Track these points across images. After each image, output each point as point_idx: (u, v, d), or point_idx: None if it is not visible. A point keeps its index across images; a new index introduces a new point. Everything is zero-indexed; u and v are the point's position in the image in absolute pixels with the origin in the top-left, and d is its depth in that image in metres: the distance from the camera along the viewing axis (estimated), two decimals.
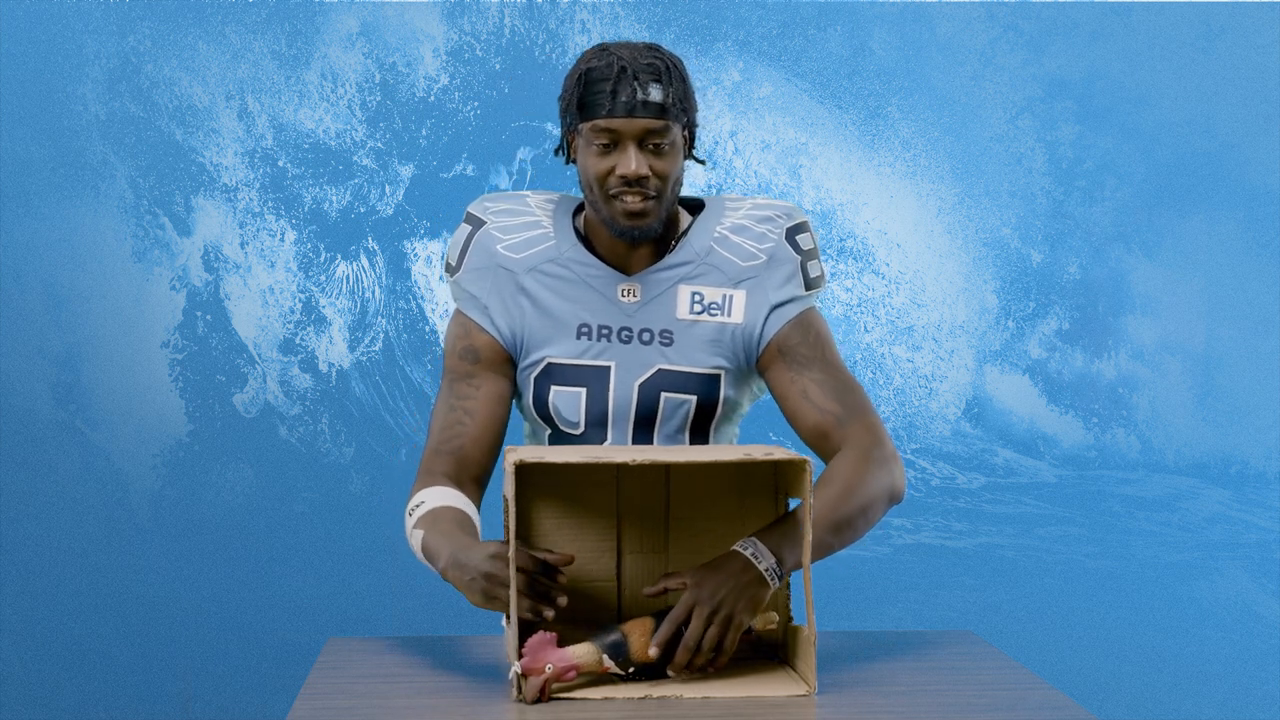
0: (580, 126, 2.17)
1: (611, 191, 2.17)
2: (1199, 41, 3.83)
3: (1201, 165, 3.85)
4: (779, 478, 2.07)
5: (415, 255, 3.80)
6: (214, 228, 3.76)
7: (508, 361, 2.26)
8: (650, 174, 2.15)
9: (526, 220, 2.27)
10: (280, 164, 3.76)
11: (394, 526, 3.77)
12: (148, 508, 3.75)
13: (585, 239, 2.27)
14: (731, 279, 2.23)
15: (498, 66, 3.79)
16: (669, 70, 2.16)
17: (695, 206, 2.30)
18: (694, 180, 3.78)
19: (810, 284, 2.25)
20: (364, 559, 3.77)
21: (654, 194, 2.16)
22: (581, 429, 2.25)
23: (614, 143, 2.15)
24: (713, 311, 2.23)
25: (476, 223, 2.29)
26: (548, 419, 2.26)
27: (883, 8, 3.81)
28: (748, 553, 1.97)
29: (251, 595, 3.75)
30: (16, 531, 3.72)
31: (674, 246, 2.25)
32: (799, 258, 2.24)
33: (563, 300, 2.23)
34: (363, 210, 3.79)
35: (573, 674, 1.92)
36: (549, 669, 1.90)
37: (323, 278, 3.79)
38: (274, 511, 3.77)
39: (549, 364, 2.24)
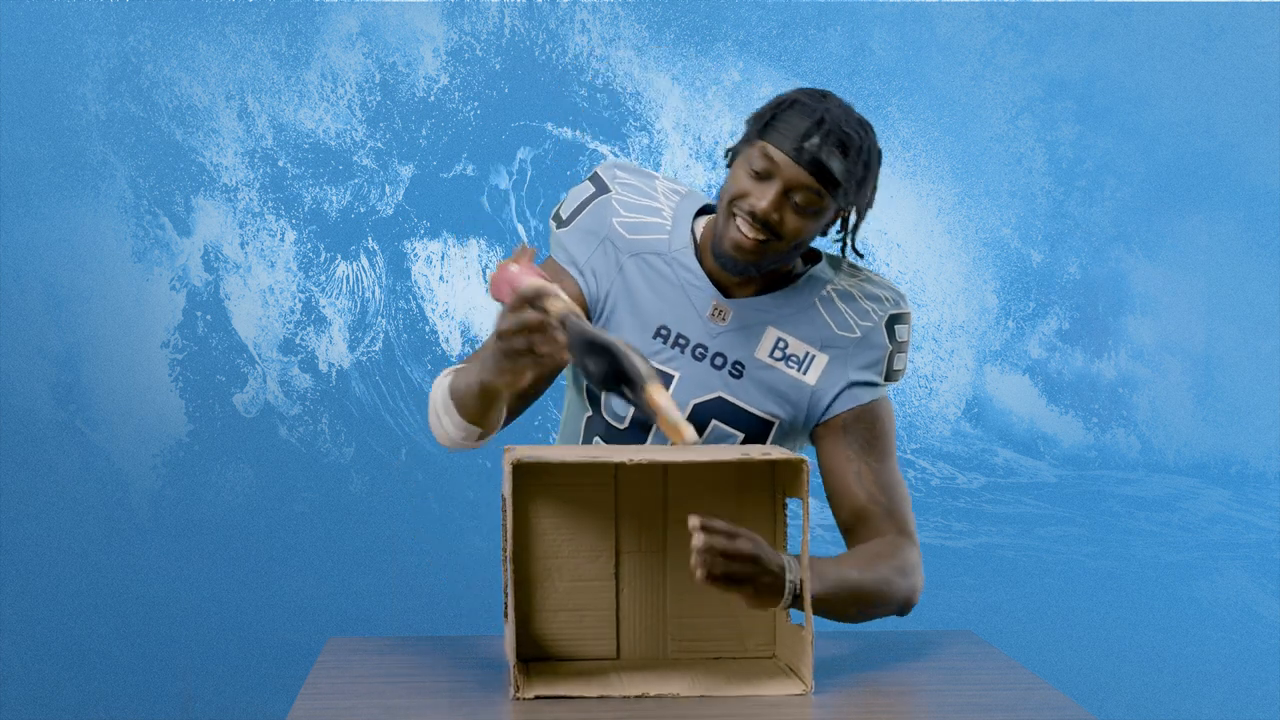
0: (755, 140, 2.13)
1: (734, 211, 2.13)
2: (1199, 41, 3.83)
3: (1201, 165, 3.85)
4: (777, 477, 2.07)
5: (415, 255, 3.81)
6: (214, 228, 3.76)
7: (586, 316, 2.20)
8: (781, 221, 2.12)
9: (650, 205, 2.25)
10: (280, 164, 3.76)
11: (394, 526, 3.77)
12: (148, 508, 3.75)
13: (698, 245, 2.25)
14: (821, 340, 2.21)
15: (498, 66, 3.79)
16: (860, 152, 2.12)
17: (810, 256, 2.28)
18: (694, 180, 3.78)
19: (890, 375, 2.24)
20: (364, 559, 3.77)
21: (770, 238, 2.12)
22: (626, 424, 2.25)
23: (769, 175, 2.11)
24: (791, 364, 2.21)
25: (602, 187, 2.26)
26: (595, 403, 2.26)
27: (883, 8, 3.81)
28: (790, 576, 1.95)
29: (251, 595, 3.76)
30: (16, 531, 3.72)
31: (780, 289, 2.23)
32: (889, 348, 2.23)
33: (654, 295, 2.22)
34: (363, 210, 3.79)
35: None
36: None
37: (323, 278, 3.79)
38: (274, 511, 3.77)
39: None
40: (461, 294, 3.81)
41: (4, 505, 3.72)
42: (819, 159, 2.09)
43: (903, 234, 3.85)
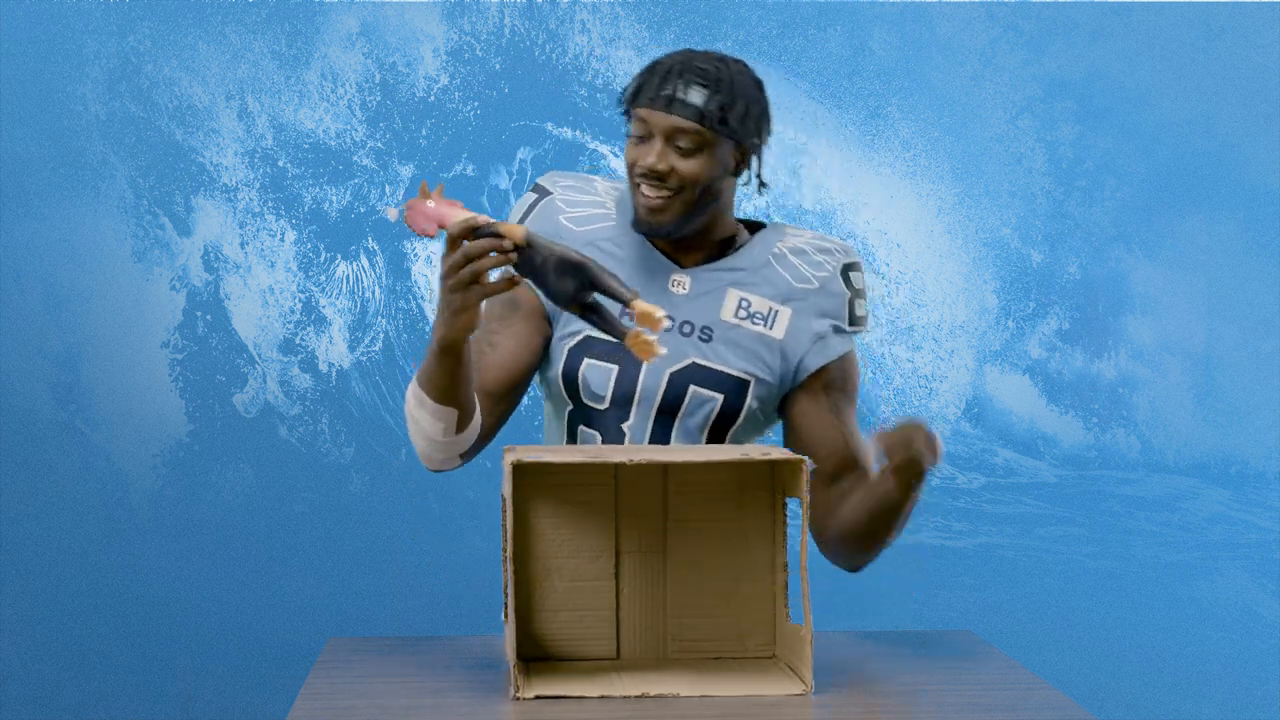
0: (628, 112, 2.23)
1: (635, 180, 2.21)
2: (1199, 41, 3.83)
3: (1201, 165, 3.85)
4: (776, 477, 2.07)
5: (415, 255, 3.81)
6: (214, 228, 3.76)
7: (545, 320, 2.29)
8: (672, 170, 2.18)
9: (592, 199, 2.32)
10: (280, 164, 3.76)
11: (394, 526, 3.77)
12: (148, 508, 3.75)
13: None
14: (781, 295, 2.27)
15: (498, 66, 3.79)
16: (722, 81, 2.19)
17: (754, 227, 2.35)
18: None
19: (854, 321, 2.31)
20: (364, 559, 3.77)
21: (673, 190, 2.19)
22: (606, 405, 2.27)
23: (648, 135, 2.19)
24: (756, 321, 2.27)
25: (543, 192, 2.33)
26: (574, 392, 2.28)
27: (883, 8, 3.81)
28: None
29: (251, 595, 3.76)
30: (16, 531, 3.72)
31: (730, 253, 2.28)
32: (848, 294, 2.30)
33: None
34: (363, 210, 3.79)
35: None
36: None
37: (323, 278, 3.79)
38: (274, 511, 3.77)
39: (587, 336, 2.26)
40: None
41: (4, 505, 3.72)
42: (676, 97, 2.17)
43: (903, 234, 3.85)
